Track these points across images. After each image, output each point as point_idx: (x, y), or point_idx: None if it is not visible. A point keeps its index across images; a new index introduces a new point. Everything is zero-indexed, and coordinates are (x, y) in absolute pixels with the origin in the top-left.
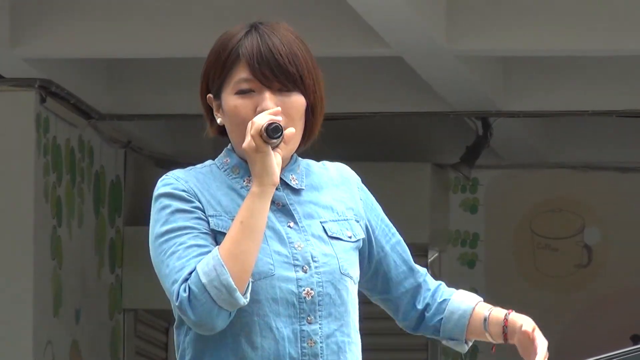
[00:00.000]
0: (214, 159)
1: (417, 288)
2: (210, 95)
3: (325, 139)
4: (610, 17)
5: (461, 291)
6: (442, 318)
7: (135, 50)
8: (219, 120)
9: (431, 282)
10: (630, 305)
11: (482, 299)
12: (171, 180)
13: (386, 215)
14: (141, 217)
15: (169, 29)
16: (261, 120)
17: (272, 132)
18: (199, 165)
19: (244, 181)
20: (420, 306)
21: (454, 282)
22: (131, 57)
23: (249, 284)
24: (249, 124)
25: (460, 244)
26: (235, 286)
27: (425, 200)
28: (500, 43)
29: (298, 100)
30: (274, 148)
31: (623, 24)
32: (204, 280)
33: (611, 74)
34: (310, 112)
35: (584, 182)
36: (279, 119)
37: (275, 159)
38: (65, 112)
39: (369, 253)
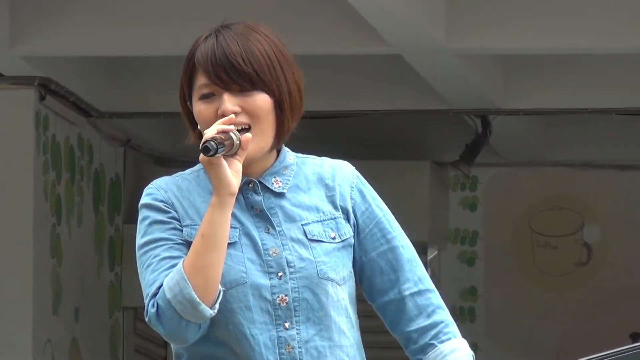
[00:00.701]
0: None
1: (401, 302)
2: (188, 102)
3: (325, 137)
4: (610, 15)
5: (453, 343)
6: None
7: (134, 49)
8: (199, 127)
9: (425, 308)
10: (629, 303)
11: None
12: (152, 190)
13: None
14: None
15: (169, 27)
16: (210, 133)
17: (205, 152)
18: (188, 171)
19: None
20: (405, 327)
21: (454, 280)
22: (131, 55)
23: (219, 294)
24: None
25: (460, 242)
26: (198, 300)
27: (425, 198)
28: (500, 41)
29: (260, 99)
30: (232, 156)
31: (622, 22)
32: (168, 295)
33: (610, 72)
34: (277, 108)
35: (584, 180)
36: (230, 127)
37: (234, 167)
38: (64, 110)
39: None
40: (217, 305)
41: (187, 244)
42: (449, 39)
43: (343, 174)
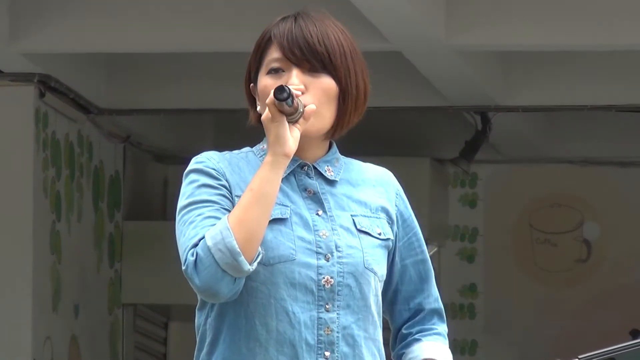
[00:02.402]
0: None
1: (418, 311)
2: (252, 85)
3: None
4: (609, 11)
5: (432, 343)
6: (403, 353)
7: (134, 45)
8: (258, 108)
9: (430, 321)
10: (629, 300)
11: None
12: (203, 159)
13: None
14: (140, 212)
15: (168, 24)
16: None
17: (277, 93)
18: (235, 151)
19: None
20: (405, 330)
21: (454, 277)
22: (130, 51)
23: (259, 255)
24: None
25: (460, 239)
26: (239, 250)
27: (424, 195)
28: (499, 38)
29: (326, 82)
30: (293, 122)
31: (622, 19)
32: (209, 243)
33: (610, 68)
34: (341, 98)
35: (583, 177)
36: (297, 93)
37: (293, 133)
38: (64, 107)
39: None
40: (255, 264)
41: None
42: (449, 36)
43: (389, 180)
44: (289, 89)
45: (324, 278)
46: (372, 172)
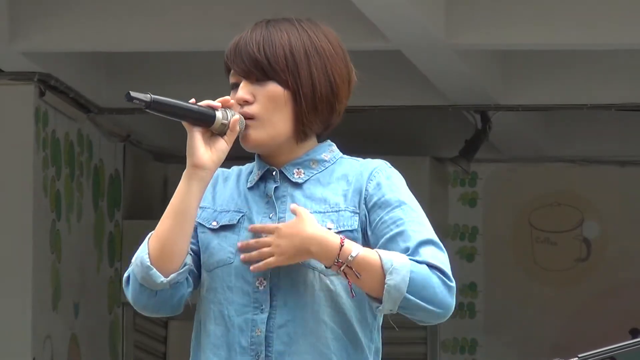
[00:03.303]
0: None
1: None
2: None
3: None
4: (609, 10)
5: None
6: None
7: (134, 44)
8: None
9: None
10: (629, 299)
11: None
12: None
13: None
14: (140, 211)
15: (168, 23)
16: (199, 102)
17: (126, 97)
18: (247, 164)
19: (251, 177)
20: None
21: (453, 276)
22: (130, 50)
23: (183, 266)
24: None
25: (459, 238)
26: (148, 264)
27: (424, 194)
28: (499, 37)
29: (270, 89)
30: (221, 134)
31: (622, 18)
32: (132, 259)
33: (610, 67)
34: (294, 101)
35: (583, 175)
36: (217, 104)
37: (215, 144)
38: (64, 106)
39: (368, 245)
40: (172, 276)
41: (198, 226)
42: (448, 35)
43: (367, 169)
44: (129, 94)
45: (257, 280)
46: (356, 167)
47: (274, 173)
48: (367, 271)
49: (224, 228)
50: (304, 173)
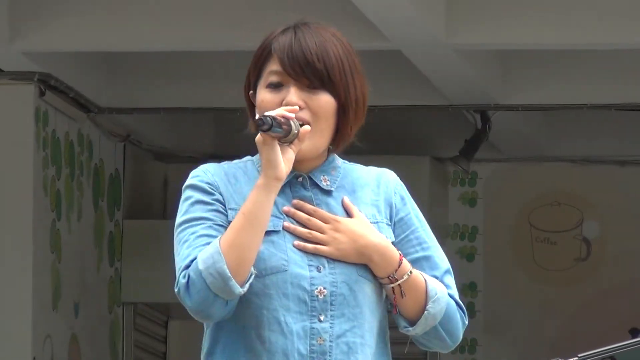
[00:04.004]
0: (249, 155)
1: None
2: (251, 92)
3: None
4: (609, 10)
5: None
6: None
7: (134, 44)
8: (256, 117)
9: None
10: (629, 299)
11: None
12: (198, 173)
13: None
14: (140, 211)
15: (168, 23)
16: (271, 113)
17: (258, 124)
18: (236, 161)
19: None
20: None
21: (453, 275)
22: (130, 50)
23: (251, 276)
24: None
25: (459, 238)
26: (229, 275)
27: (424, 193)
28: (499, 37)
29: (324, 99)
30: (288, 144)
31: (622, 18)
32: (201, 267)
33: (610, 67)
34: (341, 112)
35: (583, 175)
36: (291, 115)
37: (286, 155)
38: (64, 106)
39: None
40: (247, 286)
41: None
42: (448, 35)
43: (388, 180)
44: (271, 119)
45: (317, 289)
46: (371, 176)
47: (300, 179)
48: (413, 292)
49: (268, 233)
50: (329, 180)
